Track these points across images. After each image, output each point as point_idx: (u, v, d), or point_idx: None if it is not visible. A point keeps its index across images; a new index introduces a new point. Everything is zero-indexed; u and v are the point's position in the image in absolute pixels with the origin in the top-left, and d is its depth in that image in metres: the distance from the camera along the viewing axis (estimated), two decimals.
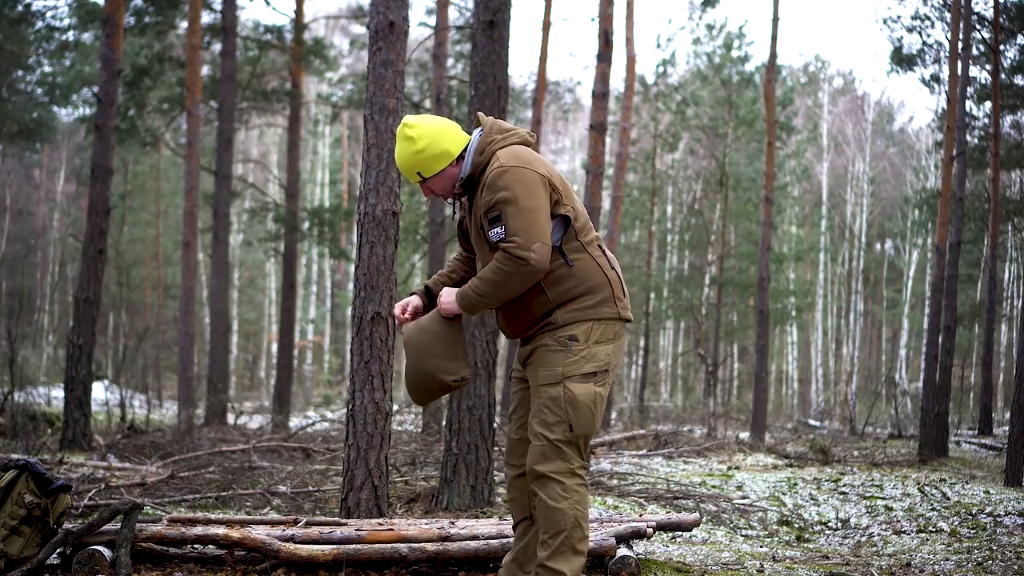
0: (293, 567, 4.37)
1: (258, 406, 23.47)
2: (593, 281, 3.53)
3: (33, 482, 4.25)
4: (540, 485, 3.46)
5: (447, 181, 3.60)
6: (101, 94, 10.68)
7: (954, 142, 13.40)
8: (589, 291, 3.53)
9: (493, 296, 3.48)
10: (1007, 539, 6.04)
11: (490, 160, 3.52)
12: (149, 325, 27.31)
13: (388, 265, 5.35)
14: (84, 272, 10.45)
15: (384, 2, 5.42)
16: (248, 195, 26.00)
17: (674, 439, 13.65)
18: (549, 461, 3.45)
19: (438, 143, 3.55)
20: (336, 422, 14.91)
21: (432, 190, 3.62)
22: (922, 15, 21.21)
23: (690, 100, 25.71)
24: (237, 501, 6.60)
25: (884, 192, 37.68)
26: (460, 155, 3.59)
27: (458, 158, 3.58)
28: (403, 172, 3.66)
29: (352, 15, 23.66)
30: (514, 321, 3.60)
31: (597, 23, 12.22)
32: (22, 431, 10.40)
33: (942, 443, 12.50)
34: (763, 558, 5.43)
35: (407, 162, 3.58)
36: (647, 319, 24.03)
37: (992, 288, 17.05)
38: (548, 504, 3.43)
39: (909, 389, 29.32)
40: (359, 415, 5.27)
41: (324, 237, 20.38)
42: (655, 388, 32.53)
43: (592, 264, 3.55)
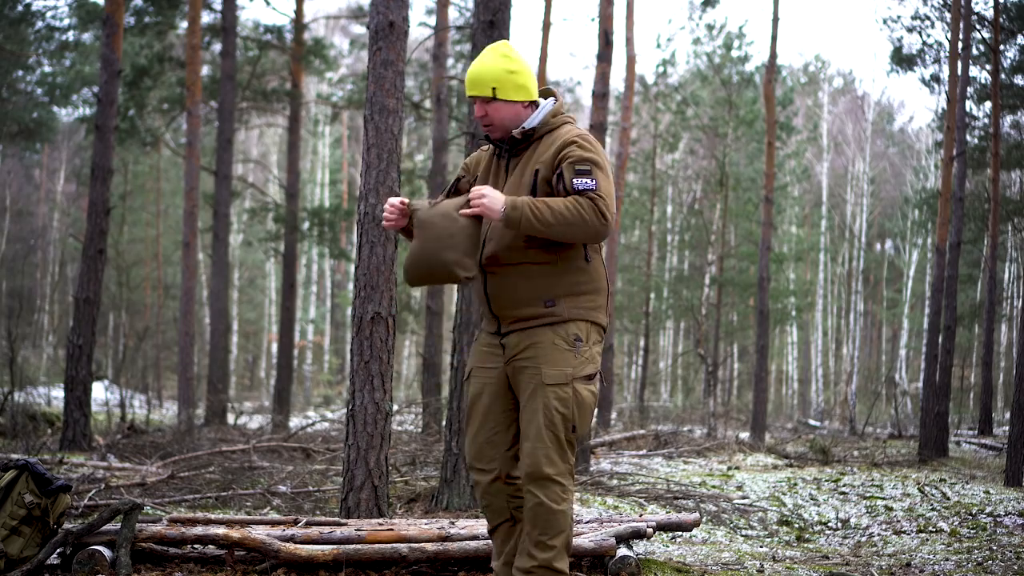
0: (293, 567, 4.37)
1: (258, 406, 23.47)
2: (599, 284, 3.54)
3: (33, 482, 4.25)
4: (541, 487, 3.40)
5: (510, 115, 3.52)
6: (101, 94, 10.68)
7: (954, 142, 13.39)
8: (594, 292, 3.53)
9: (550, 227, 3.33)
10: (1007, 539, 6.04)
11: (560, 126, 3.55)
12: (149, 325, 27.31)
13: (388, 265, 5.35)
14: (84, 272, 10.45)
15: (384, 2, 5.42)
16: (248, 195, 26.00)
17: (674, 439, 13.65)
18: (553, 463, 3.40)
19: (526, 77, 3.54)
20: (336, 422, 14.91)
21: (490, 114, 3.52)
22: (922, 15, 21.21)
23: (690, 100, 25.72)
24: (237, 501, 6.60)
25: (884, 192, 37.69)
26: (529, 103, 3.56)
27: (527, 104, 3.56)
28: (475, 83, 3.52)
29: (352, 15, 23.66)
30: (514, 291, 3.47)
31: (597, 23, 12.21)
32: (22, 431, 10.41)
33: (942, 443, 12.50)
34: (763, 558, 5.43)
35: (490, 72, 3.50)
36: (647, 319, 24.03)
37: (992, 288, 17.04)
38: (551, 507, 3.40)
39: (909, 389, 29.32)
40: (359, 415, 5.27)
41: (324, 237, 20.38)
42: (655, 388, 32.53)
43: (601, 268, 3.56)
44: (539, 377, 3.44)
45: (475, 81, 3.53)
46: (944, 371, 12.89)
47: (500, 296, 3.51)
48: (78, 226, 29.90)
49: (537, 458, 3.40)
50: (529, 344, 3.46)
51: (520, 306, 3.48)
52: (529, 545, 3.45)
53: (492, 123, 3.54)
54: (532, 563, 3.44)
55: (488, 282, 3.52)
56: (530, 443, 3.43)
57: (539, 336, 3.46)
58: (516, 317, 3.49)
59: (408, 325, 22.17)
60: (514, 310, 3.49)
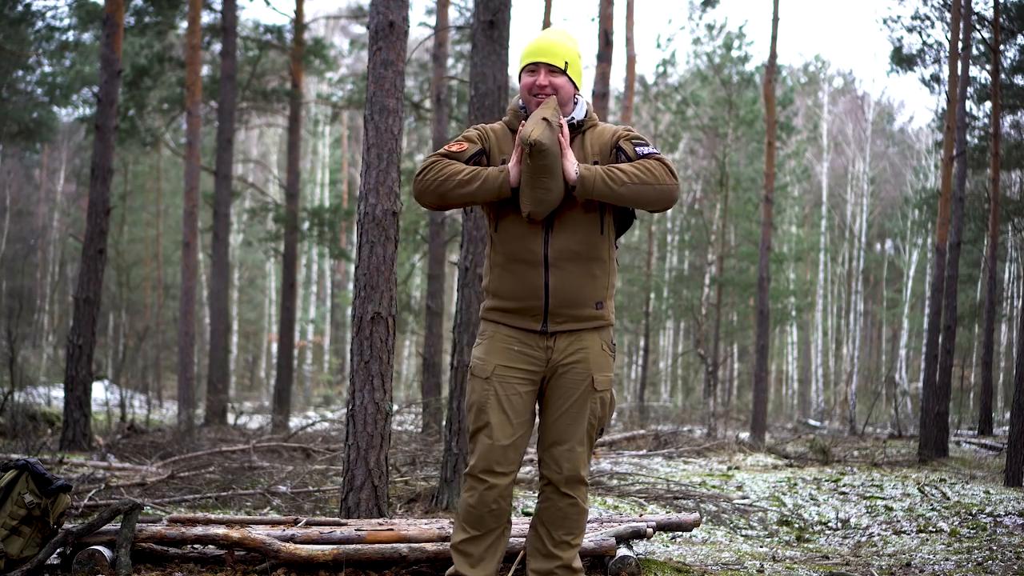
0: (293, 567, 4.37)
1: (258, 406, 23.47)
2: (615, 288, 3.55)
3: (33, 482, 4.25)
4: (577, 489, 3.42)
5: (567, 95, 3.43)
6: (101, 94, 10.68)
7: (954, 142, 13.40)
8: (614, 295, 3.54)
9: (625, 187, 3.23)
10: (1007, 539, 6.04)
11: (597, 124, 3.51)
12: (149, 325, 27.31)
13: (388, 265, 5.35)
14: (84, 272, 10.45)
15: (384, 2, 5.42)
16: (248, 195, 26.02)
17: (674, 439, 13.65)
18: (587, 466, 3.45)
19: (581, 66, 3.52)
20: (336, 422, 14.91)
21: (556, 85, 3.38)
22: (922, 15, 21.21)
23: (690, 100, 25.72)
24: (237, 501, 6.60)
25: (884, 192, 37.70)
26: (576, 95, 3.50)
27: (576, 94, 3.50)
28: (550, 51, 3.40)
29: (352, 15, 23.66)
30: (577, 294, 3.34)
31: (597, 23, 12.22)
32: (22, 431, 10.41)
33: (942, 443, 12.50)
34: (763, 558, 5.43)
35: (566, 47, 3.41)
36: (647, 319, 24.03)
37: (992, 288, 17.04)
38: (581, 507, 3.44)
39: (909, 389, 29.32)
40: (359, 415, 5.27)
41: (324, 237, 20.38)
42: (655, 388, 32.54)
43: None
44: (590, 382, 3.39)
45: (549, 49, 3.40)
46: (944, 371, 12.89)
47: (563, 292, 3.36)
48: (78, 226, 29.92)
49: (578, 461, 3.40)
50: (579, 348, 3.39)
51: (579, 305, 3.38)
52: (551, 546, 3.44)
53: (553, 91, 3.41)
54: (556, 563, 3.44)
55: (551, 276, 3.35)
56: (569, 446, 3.40)
57: (588, 341, 3.40)
58: (571, 316, 3.38)
59: (408, 325, 22.17)
60: (572, 309, 3.38)
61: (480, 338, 3.52)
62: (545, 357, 3.40)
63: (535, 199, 3.27)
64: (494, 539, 3.48)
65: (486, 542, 3.46)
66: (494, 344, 3.44)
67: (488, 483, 3.39)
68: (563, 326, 3.37)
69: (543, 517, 3.47)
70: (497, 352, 3.42)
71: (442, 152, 3.42)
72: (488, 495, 3.40)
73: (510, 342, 3.42)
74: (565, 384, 3.40)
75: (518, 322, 3.42)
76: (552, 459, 3.42)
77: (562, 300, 3.35)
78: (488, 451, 3.39)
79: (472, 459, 3.43)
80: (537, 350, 3.40)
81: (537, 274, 3.35)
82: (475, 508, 3.41)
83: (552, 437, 3.43)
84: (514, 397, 3.40)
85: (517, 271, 3.38)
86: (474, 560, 3.45)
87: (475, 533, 3.44)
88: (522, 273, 3.37)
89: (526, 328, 3.40)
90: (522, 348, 3.41)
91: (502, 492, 3.42)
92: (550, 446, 3.43)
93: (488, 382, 3.41)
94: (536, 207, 3.28)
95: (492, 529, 3.46)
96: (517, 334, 3.42)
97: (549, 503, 3.44)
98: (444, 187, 3.34)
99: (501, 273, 3.43)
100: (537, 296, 3.36)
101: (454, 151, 3.42)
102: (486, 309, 3.52)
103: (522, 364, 3.41)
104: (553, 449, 3.41)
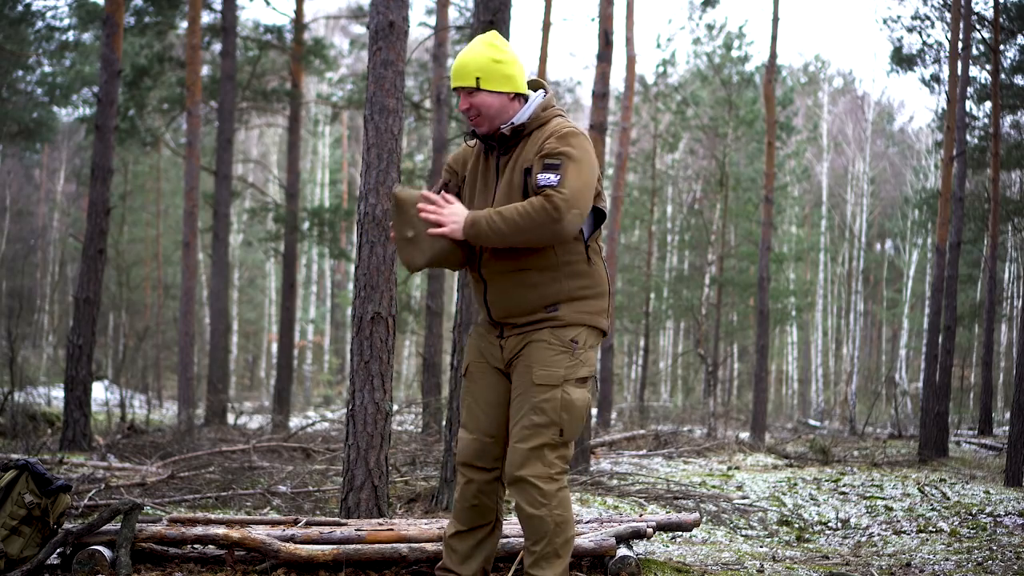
0: (293, 567, 4.37)
1: (258, 406, 23.48)
2: (601, 288, 3.44)
3: (33, 482, 4.25)
4: (519, 491, 3.29)
5: (496, 107, 3.34)
6: (101, 94, 10.68)
7: (954, 142, 13.40)
8: (596, 296, 3.43)
9: (506, 237, 3.23)
10: (1007, 539, 6.04)
11: (550, 120, 3.39)
12: (149, 325, 27.32)
13: (388, 265, 5.35)
14: (84, 272, 10.45)
15: (384, 2, 5.42)
16: (248, 195, 26.02)
17: (674, 439, 13.66)
18: (530, 465, 3.28)
19: (513, 67, 3.36)
20: (336, 422, 14.91)
21: (476, 105, 3.33)
22: (922, 15, 21.22)
23: (690, 100, 25.73)
24: (237, 501, 6.60)
25: (884, 192, 37.71)
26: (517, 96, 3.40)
27: (514, 97, 3.39)
28: (458, 73, 3.36)
29: (352, 15, 23.66)
30: (515, 299, 3.36)
31: (597, 23, 12.22)
32: (22, 431, 10.41)
33: (942, 443, 12.51)
34: (763, 558, 5.43)
35: (474, 62, 3.33)
36: (647, 319, 24.03)
37: (992, 288, 17.05)
38: (527, 511, 3.28)
39: (909, 389, 29.33)
40: (359, 415, 5.27)
41: (324, 237, 20.39)
42: (655, 388, 32.54)
43: (603, 271, 3.46)
44: (529, 376, 3.33)
45: (458, 72, 3.35)
46: (944, 371, 12.89)
47: (500, 304, 3.40)
48: (78, 226, 29.91)
49: (516, 459, 3.29)
50: (526, 344, 3.37)
51: (521, 313, 3.38)
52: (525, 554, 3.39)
53: (479, 116, 3.35)
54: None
55: (488, 290, 3.41)
56: (513, 442, 3.33)
57: (535, 336, 3.36)
58: (516, 323, 3.40)
59: (408, 325, 22.17)
60: (515, 317, 3.39)
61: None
62: (501, 356, 3.46)
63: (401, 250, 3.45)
64: (481, 537, 3.49)
65: (472, 539, 3.48)
66: (472, 342, 3.58)
67: (467, 477, 3.45)
68: (513, 331, 3.43)
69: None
70: (473, 350, 3.56)
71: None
72: (468, 489, 3.45)
73: (480, 339, 3.54)
74: (514, 379, 3.41)
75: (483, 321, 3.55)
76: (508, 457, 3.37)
77: (503, 311, 3.42)
78: (469, 445, 3.46)
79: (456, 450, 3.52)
80: (497, 350, 3.47)
81: (480, 289, 3.46)
82: (459, 501, 3.47)
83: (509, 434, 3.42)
84: (486, 391, 3.48)
85: (473, 287, 3.54)
86: (460, 556, 3.48)
87: (461, 528, 3.48)
88: (474, 289, 3.52)
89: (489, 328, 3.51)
90: (487, 345, 3.50)
91: (482, 488, 3.44)
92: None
93: (467, 380, 3.55)
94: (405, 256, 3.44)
95: (478, 526, 3.47)
96: (484, 331, 3.53)
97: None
98: None
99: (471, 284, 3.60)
100: (483, 306, 3.49)
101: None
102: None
103: (487, 359, 3.50)
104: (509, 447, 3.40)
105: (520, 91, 3.39)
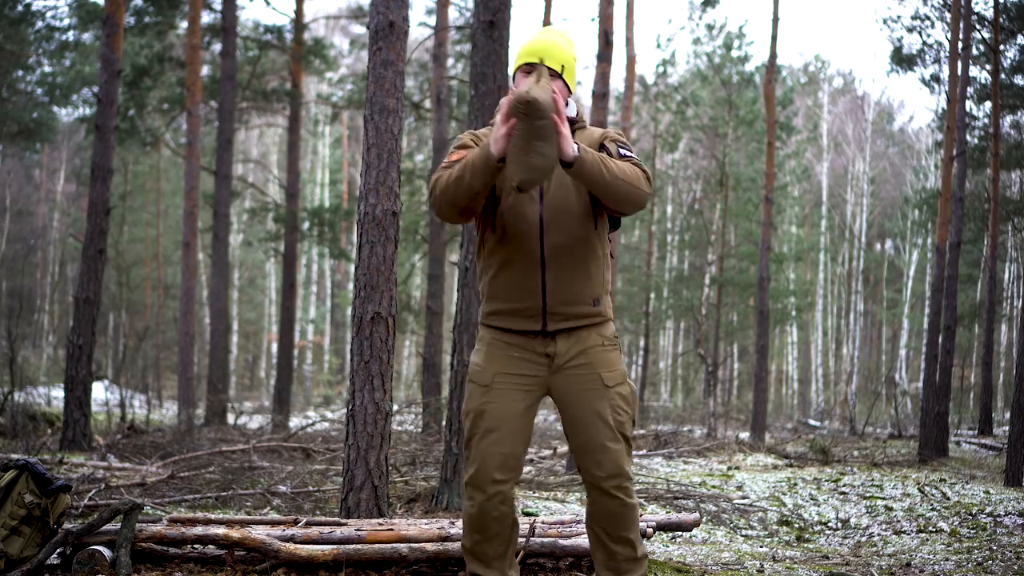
0: (293, 567, 4.37)
1: (258, 406, 23.48)
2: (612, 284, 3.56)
3: (33, 482, 4.25)
4: (621, 487, 3.32)
5: (562, 94, 3.30)
6: (101, 94, 10.68)
7: (954, 142, 13.40)
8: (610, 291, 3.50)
9: (615, 180, 3.14)
10: (1007, 539, 6.04)
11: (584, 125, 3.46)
12: (149, 325, 27.31)
13: (388, 265, 5.35)
14: (84, 272, 10.45)
15: (384, 2, 5.42)
16: (248, 195, 26.02)
17: (674, 439, 13.66)
18: (625, 463, 3.34)
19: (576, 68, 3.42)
20: (336, 422, 14.92)
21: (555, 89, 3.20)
22: (922, 15, 21.22)
23: (690, 100, 25.73)
24: (237, 501, 6.60)
25: (884, 192, 37.72)
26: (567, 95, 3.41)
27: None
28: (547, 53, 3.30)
29: (352, 15, 23.66)
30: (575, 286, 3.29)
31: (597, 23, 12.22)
32: (22, 431, 10.41)
33: (942, 443, 12.51)
34: (763, 558, 5.43)
35: (562, 51, 3.33)
36: (647, 319, 24.03)
37: (992, 288, 17.05)
38: (630, 503, 3.34)
39: (909, 389, 29.33)
40: (359, 415, 5.27)
41: (324, 237, 20.39)
42: (655, 388, 32.54)
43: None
44: (599, 380, 3.32)
45: (548, 52, 3.30)
46: (944, 371, 12.89)
47: (559, 290, 3.30)
48: (78, 226, 29.92)
49: (616, 459, 3.31)
50: (581, 350, 3.33)
51: (576, 303, 3.32)
52: (611, 544, 3.37)
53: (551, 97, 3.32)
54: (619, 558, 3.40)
55: (548, 274, 3.30)
56: (601, 447, 3.30)
57: (588, 340, 3.34)
58: (568, 315, 3.32)
59: (408, 325, 22.17)
60: (570, 307, 3.32)
61: (479, 344, 3.45)
62: (547, 362, 3.35)
63: (529, 165, 3.02)
64: (504, 539, 3.45)
65: (497, 542, 3.43)
66: (493, 351, 3.38)
67: (488, 493, 3.32)
68: (561, 324, 3.32)
69: (595, 519, 3.39)
70: (497, 359, 3.37)
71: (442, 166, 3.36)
72: (489, 505, 3.34)
73: (509, 348, 3.36)
74: (575, 387, 3.34)
75: (517, 324, 3.36)
76: (590, 463, 3.33)
77: (560, 299, 3.30)
78: (492, 458, 3.31)
79: (471, 468, 3.34)
80: (538, 355, 3.36)
81: (534, 274, 3.29)
82: (478, 518, 3.36)
83: (580, 441, 3.34)
84: (514, 404, 3.33)
85: (513, 272, 3.31)
86: (489, 559, 3.44)
87: (482, 537, 3.41)
88: (518, 273, 3.31)
89: (525, 330, 3.35)
90: (522, 354, 3.35)
91: (503, 499, 3.36)
92: (583, 451, 3.34)
93: (487, 390, 3.35)
94: (528, 174, 3.02)
95: (500, 532, 3.43)
96: (517, 339, 3.36)
97: (597, 506, 3.35)
98: (448, 194, 3.23)
99: (496, 274, 3.37)
100: (535, 296, 3.31)
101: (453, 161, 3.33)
102: (484, 315, 3.44)
103: (522, 370, 3.35)
104: (587, 455, 3.32)
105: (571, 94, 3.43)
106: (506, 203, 3.30)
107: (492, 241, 3.37)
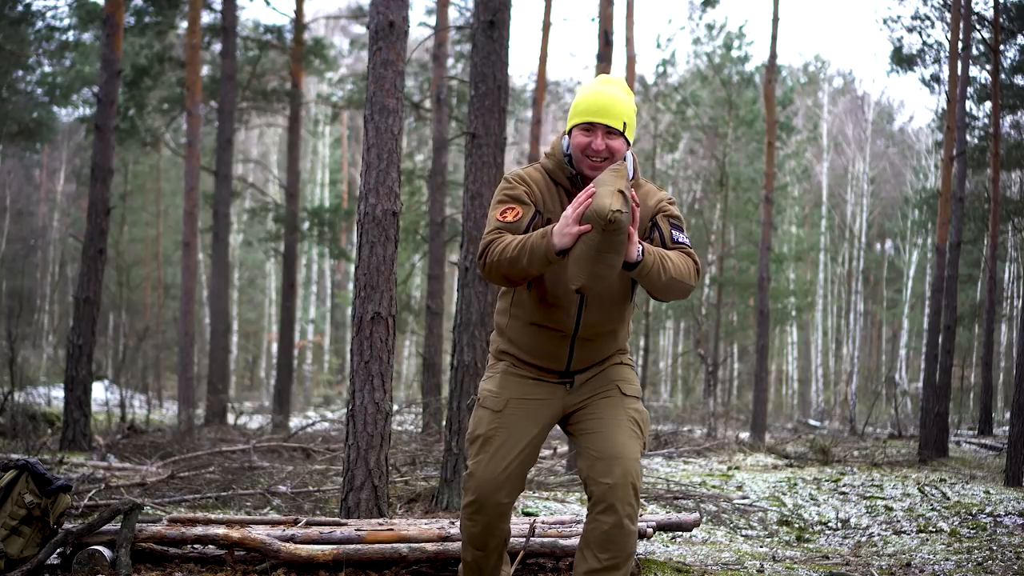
0: (293, 567, 4.37)
1: (258, 406, 23.48)
2: None
3: (33, 482, 4.25)
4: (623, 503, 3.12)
5: (622, 154, 3.19)
6: (101, 94, 10.68)
7: (954, 142, 13.40)
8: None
9: (669, 279, 3.09)
10: (1007, 539, 6.04)
11: (640, 184, 3.31)
12: (149, 325, 27.30)
13: (388, 265, 5.35)
14: (84, 272, 10.45)
15: (384, 2, 5.42)
16: (248, 195, 26.01)
17: (674, 439, 13.66)
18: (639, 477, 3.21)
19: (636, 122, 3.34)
20: (336, 422, 14.92)
21: (613, 149, 3.15)
22: (922, 15, 21.22)
23: (690, 100, 25.72)
24: (237, 501, 6.60)
25: (884, 192, 37.70)
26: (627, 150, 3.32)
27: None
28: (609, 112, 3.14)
29: (352, 15, 23.66)
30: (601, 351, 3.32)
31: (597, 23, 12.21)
32: (22, 431, 10.40)
33: (942, 443, 12.51)
34: (763, 558, 5.43)
35: (625, 107, 3.18)
36: (647, 319, 23.98)
37: (992, 288, 17.05)
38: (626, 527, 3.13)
39: (909, 389, 29.32)
40: (359, 415, 5.27)
41: (324, 237, 20.39)
42: (655, 388, 32.53)
43: None
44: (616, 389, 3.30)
45: (609, 110, 3.15)
46: (944, 371, 12.89)
47: (586, 356, 3.32)
48: (78, 226, 29.91)
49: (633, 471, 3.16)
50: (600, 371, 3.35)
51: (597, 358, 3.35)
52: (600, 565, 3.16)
53: (606, 160, 3.17)
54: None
55: (577, 346, 3.27)
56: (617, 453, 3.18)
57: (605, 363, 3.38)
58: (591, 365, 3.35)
59: (408, 325, 22.17)
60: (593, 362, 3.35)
61: (491, 372, 3.40)
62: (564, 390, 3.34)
63: (595, 275, 2.97)
64: (501, 550, 3.46)
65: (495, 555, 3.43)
66: (507, 378, 3.34)
67: (491, 516, 3.28)
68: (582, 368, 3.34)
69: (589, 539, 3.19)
70: (511, 386, 3.33)
71: (498, 227, 3.20)
72: (491, 525, 3.31)
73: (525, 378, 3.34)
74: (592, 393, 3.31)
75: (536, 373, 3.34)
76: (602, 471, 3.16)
77: (584, 361, 3.32)
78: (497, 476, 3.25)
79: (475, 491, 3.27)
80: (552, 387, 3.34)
81: (564, 343, 3.27)
82: (480, 536, 3.33)
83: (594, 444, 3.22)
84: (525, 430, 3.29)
85: (540, 335, 3.27)
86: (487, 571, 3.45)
87: (483, 553, 3.39)
88: (546, 338, 3.28)
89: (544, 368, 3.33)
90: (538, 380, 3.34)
91: (504, 515, 3.33)
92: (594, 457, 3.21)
93: (500, 416, 3.30)
94: (591, 282, 2.98)
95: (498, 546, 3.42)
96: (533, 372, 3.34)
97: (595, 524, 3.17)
98: (502, 268, 3.11)
99: (523, 329, 3.31)
100: (560, 361, 3.29)
101: (509, 221, 3.19)
102: (499, 351, 3.38)
103: (538, 395, 3.32)
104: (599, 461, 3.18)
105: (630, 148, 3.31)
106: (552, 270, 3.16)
107: (527, 296, 3.29)
